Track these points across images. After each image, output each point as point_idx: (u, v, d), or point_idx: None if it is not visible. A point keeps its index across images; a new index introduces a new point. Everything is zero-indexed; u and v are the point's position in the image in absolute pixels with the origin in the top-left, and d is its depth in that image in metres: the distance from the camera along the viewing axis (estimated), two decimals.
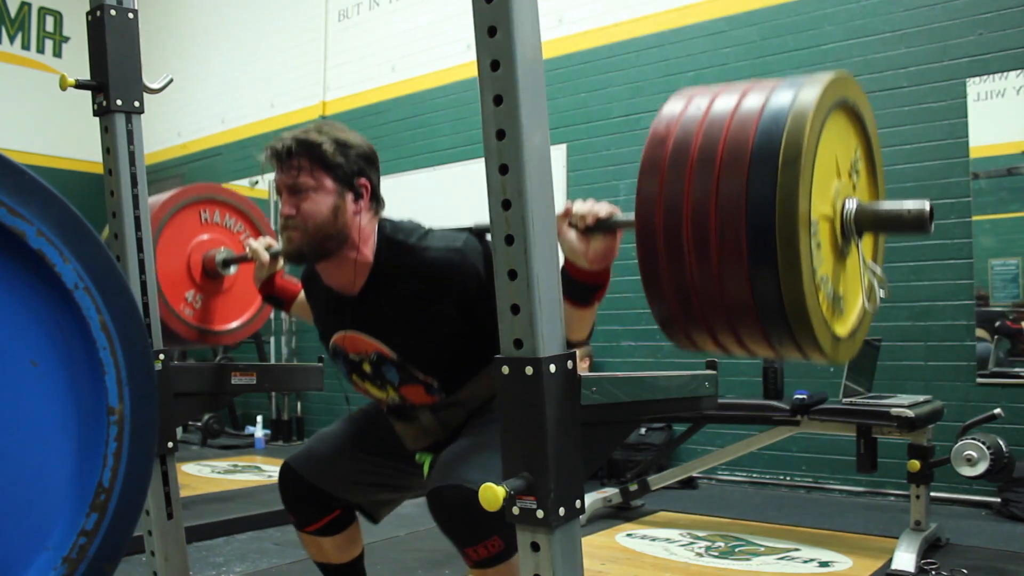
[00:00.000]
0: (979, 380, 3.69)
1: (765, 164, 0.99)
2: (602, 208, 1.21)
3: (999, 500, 3.50)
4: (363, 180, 1.59)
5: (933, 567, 2.61)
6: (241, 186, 6.56)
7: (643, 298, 1.11)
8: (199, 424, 5.80)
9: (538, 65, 1.06)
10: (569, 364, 1.08)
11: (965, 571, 2.58)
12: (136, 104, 1.76)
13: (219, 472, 4.77)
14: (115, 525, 1.17)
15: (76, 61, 7.66)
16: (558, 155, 4.86)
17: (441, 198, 5.33)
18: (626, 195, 4.66)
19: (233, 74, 7.03)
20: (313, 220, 1.54)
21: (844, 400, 2.88)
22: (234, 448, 5.74)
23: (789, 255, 0.98)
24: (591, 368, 4.49)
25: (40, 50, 7.62)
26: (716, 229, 1.01)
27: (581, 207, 1.22)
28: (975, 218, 3.72)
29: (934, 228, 1.13)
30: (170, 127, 7.42)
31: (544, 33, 1.09)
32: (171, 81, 1.94)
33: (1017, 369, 3.64)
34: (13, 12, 7.46)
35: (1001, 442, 2.70)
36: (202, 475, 4.65)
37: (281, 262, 1.92)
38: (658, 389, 1.28)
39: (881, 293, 1.18)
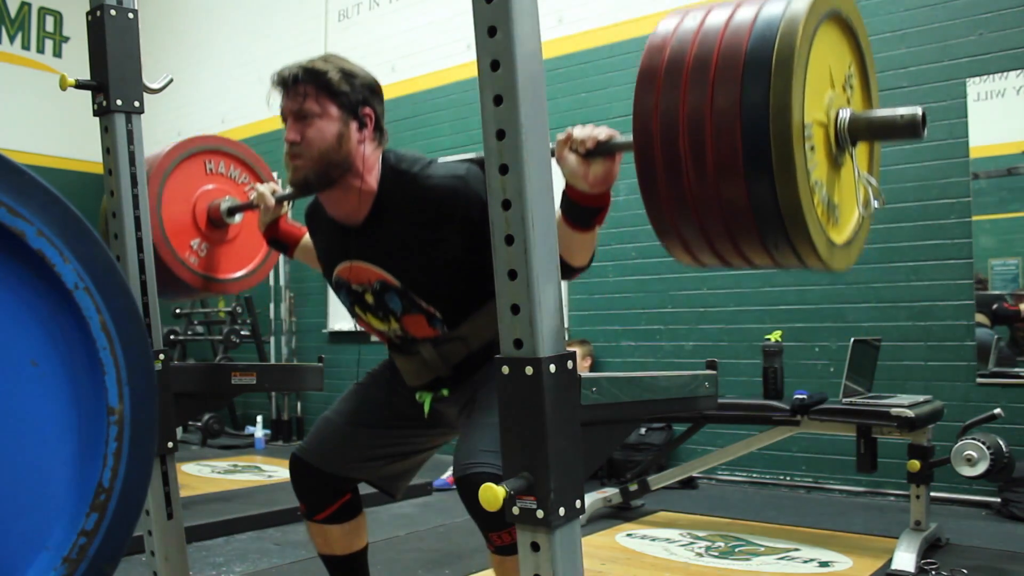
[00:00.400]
0: (979, 380, 3.69)
1: (758, 68, 1.01)
2: (601, 132, 1.24)
3: (999, 500, 3.50)
4: (367, 110, 1.61)
5: (933, 567, 2.61)
6: None
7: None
8: (199, 424, 5.80)
9: (538, 65, 1.06)
10: (569, 364, 1.08)
11: (965, 571, 2.58)
12: (136, 104, 1.76)
13: (219, 472, 4.77)
14: (115, 525, 1.17)
15: (76, 61, 7.66)
16: None
17: None
18: (626, 195, 4.65)
19: (233, 74, 7.03)
20: (318, 147, 1.56)
21: (844, 400, 2.88)
22: (234, 448, 5.74)
23: (783, 156, 1.00)
24: (592, 368, 4.49)
25: (40, 50, 7.62)
26: (712, 136, 1.03)
27: (580, 132, 1.24)
28: (975, 218, 3.72)
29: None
30: (170, 127, 7.42)
31: (544, 33, 1.09)
32: (171, 81, 1.94)
33: (1017, 369, 3.64)
34: (13, 12, 7.46)
35: (1001, 442, 2.70)
36: (202, 475, 4.65)
37: (286, 206, 1.94)
38: (658, 389, 1.28)
39: (875, 203, 1.20)
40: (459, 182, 1.55)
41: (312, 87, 1.56)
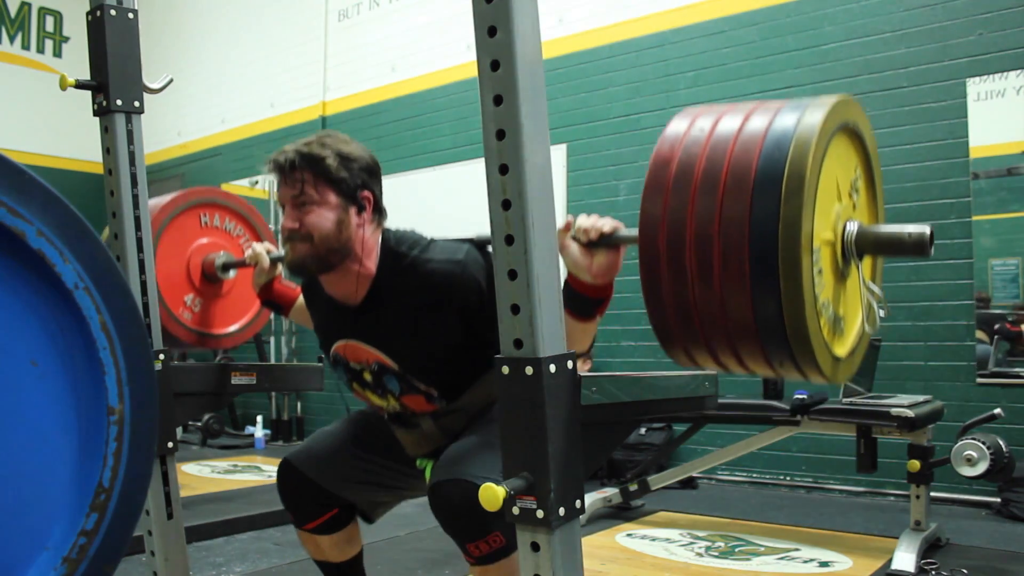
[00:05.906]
0: (979, 380, 3.68)
1: (768, 190, 0.99)
2: (606, 224, 1.22)
3: (999, 500, 3.50)
4: (366, 193, 1.59)
5: (933, 567, 2.61)
6: (241, 186, 6.55)
7: (643, 298, 1.11)
8: (199, 424, 5.80)
9: (538, 65, 1.06)
10: (569, 364, 1.08)
11: (965, 571, 2.58)
12: (136, 104, 1.76)
13: (219, 472, 4.77)
14: (115, 525, 1.17)
15: (76, 61, 7.66)
16: (558, 155, 4.85)
17: (441, 198, 5.32)
18: (626, 195, 4.65)
19: (233, 74, 7.03)
20: (317, 234, 1.54)
21: (844, 400, 2.88)
22: (234, 448, 5.74)
23: (792, 283, 0.98)
24: (591, 369, 4.48)
25: (40, 50, 7.62)
26: (719, 252, 1.01)
27: (584, 221, 1.23)
28: (975, 218, 3.72)
29: (934, 227, 1.12)
30: (170, 127, 7.42)
31: (544, 33, 1.09)
32: (171, 81, 1.94)
33: (1017, 369, 3.64)
34: (13, 12, 7.46)
35: (1001, 442, 2.70)
36: (202, 475, 4.65)
37: (280, 267, 1.92)
38: (658, 389, 1.28)
39: (881, 313, 1.18)
40: (457, 267, 1.53)
41: (310, 174, 1.53)
